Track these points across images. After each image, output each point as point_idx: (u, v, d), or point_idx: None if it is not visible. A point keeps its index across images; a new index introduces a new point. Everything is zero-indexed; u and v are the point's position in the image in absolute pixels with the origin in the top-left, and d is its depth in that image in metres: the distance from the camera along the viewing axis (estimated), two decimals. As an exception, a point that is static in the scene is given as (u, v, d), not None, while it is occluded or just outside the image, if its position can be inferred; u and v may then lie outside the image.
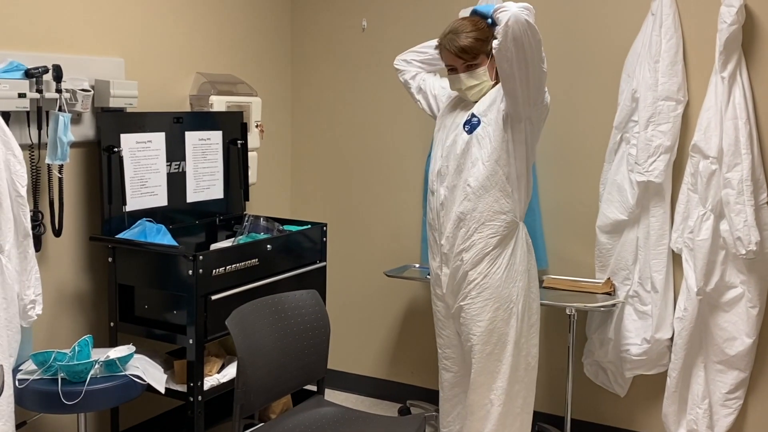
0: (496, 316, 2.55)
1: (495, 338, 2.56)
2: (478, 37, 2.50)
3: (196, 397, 2.57)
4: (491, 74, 2.55)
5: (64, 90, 2.53)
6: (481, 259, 2.55)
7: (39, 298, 2.35)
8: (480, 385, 2.60)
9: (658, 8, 2.92)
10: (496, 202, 2.53)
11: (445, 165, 2.60)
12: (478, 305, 2.56)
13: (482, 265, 2.55)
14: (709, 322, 2.95)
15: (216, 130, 3.13)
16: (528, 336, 2.64)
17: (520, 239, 2.60)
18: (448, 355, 2.77)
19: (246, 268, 2.72)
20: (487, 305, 2.55)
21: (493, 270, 2.55)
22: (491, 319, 2.55)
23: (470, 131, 2.54)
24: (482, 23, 2.53)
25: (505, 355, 2.57)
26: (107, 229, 2.70)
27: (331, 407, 2.51)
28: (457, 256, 2.58)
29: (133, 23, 2.92)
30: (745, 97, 2.81)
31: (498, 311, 2.55)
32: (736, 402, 2.95)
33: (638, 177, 2.95)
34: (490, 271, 2.55)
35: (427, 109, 2.85)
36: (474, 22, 2.54)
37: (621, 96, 3.04)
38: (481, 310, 2.56)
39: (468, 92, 2.57)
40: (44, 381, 2.29)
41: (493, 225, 2.54)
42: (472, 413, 2.63)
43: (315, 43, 3.81)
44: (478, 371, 2.58)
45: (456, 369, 2.76)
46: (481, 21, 2.54)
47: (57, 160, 2.50)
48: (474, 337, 2.57)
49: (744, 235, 2.77)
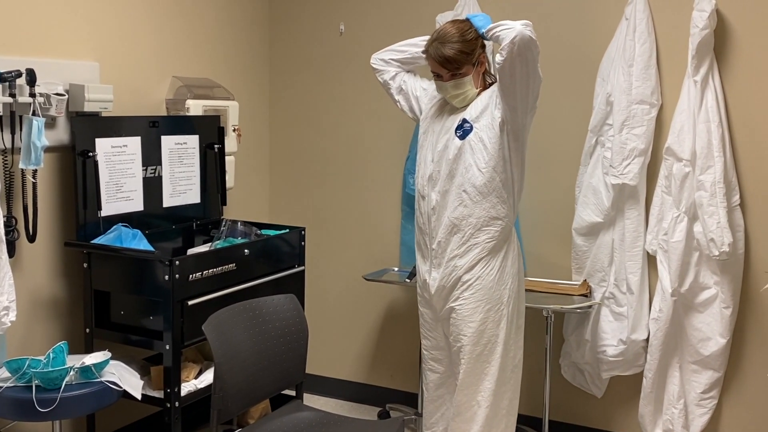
0: (487, 318, 2.56)
1: (485, 339, 2.57)
2: (463, 49, 2.48)
3: (173, 403, 2.55)
4: (476, 82, 2.56)
5: (38, 94, 2.50)
6: (476, 263, 2.56)
7: (13, 304, 2.33)
8: (468, 385, 2.60)
9: (631, 13, 2.96)
10: (493, 208, 2.53)
11: (436, 170, 2.60)
12: (470, 306, 2.57)
13: (476, 269, 2.56)
14: (683, 323, 2.99)
15: (192, 135, 3.12)
16: (516, 338, 2.65)
17: (513, 243, 2.63)
18: (435, 356, 2.76)
19: (223, 272, 2.71)
20: (479, 307, 2.56)
21: (486, 272, 2.56)
22: (482, 321, 2.56)
23: (462, 137, 2.53)
24: (470, 33, 2.51)
25: (494, 356, 2.58)
26: (82, 234, 2.68)
27: (310, 412, 2.50)
28: (450, 261, 2.58)
29: (108, 27, 2.90)
30: (717, 100, 2.85)
31: (489, 313, 2.56)
32: (711, 402, 2.99)
33: (613, 180, 2.98)
34: (483, 273, 2.56)
35: (408, 111, 2.83)
36: (462, 31, 2.51)
37: (596, 100, 3.07)
38: (473, 311, 2.56)
39: (453, 99, 2.58)
40: (18, 388, 2.26)
41: (490, 230, 2.55)
42: (459, 414, 2.63)
43: (293, 47, 3.81)
44: (467, 372, 2.59)
45: (442, 370, 2.76)
46: (470, 31, 2.51)
47: (31, 165, 2.47)
48: (464, 338, 2.57)
49: (717, 237, 2.80)
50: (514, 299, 2.61)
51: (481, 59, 2.54)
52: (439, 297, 2.64)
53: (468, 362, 2.58)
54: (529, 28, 2.35)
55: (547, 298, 3.05)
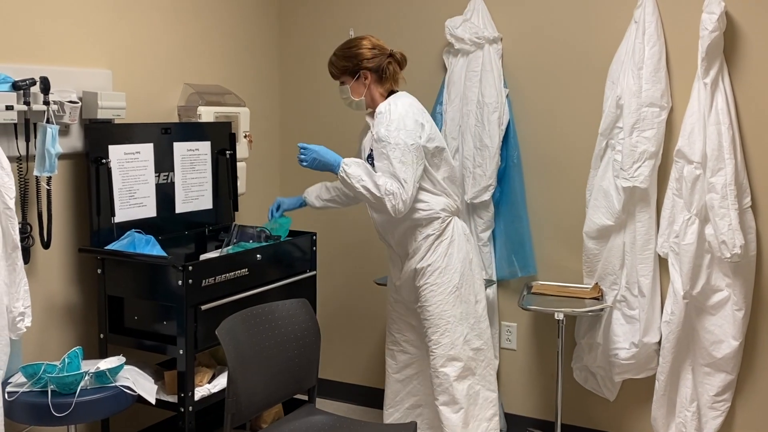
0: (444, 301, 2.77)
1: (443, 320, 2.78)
2: (336, 62, 2.81)
3: (186, 407, 2.56)
4: (356, 94, 2.80)
5: (52, 102, 2.53)
6: (426, 254, 2.78)
7: (28, 310, 2.35)
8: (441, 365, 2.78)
9: (640, 16, 2.96)
10: (422, 208, 2.75)
11: None
12: (429, 292, 2.78)
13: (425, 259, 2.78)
14: (696, 326, 2.98)
15: (204, 141, 3.14)
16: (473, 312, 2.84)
17: (456, 232, 2.82)
18: (408, 338, 3.01)
19: (236, 278, 2.72)
20: (435, 290, 2.77)
21: (434, 259, 2.77)
22: (441, 303, 2.77)
23: (372, 164, 2.73)
24: (355, 50, 2.77)
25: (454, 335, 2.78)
26: (96, 240, 2.70)
27: (323, 415, 2.51)
28: (409, 258, 2.83)
29: (120, 35, 2.93)
30: (727, 102, 2.85)
31: (443, 296, 2.77)
32: (724, 404, 2.98)
33: (624, 183, 2.98)
34: (432, 261, 2.77)
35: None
36: (349, 45, 2.80)
37: (606, 103, 3.07)
38: (433, 294, 2.78)
39: (344, 101, 2.87)
40: (34, 393, 2.28)
41: (430, 226, 2.77)
42: (439, 394, 2.80)
43: (303, 53, 3.83)
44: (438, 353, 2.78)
45: (413, 351, 3.00)
46: (356, 47, 2.78)
47: (45, 172, 2.50)
48: (429, 319, 2.79)
49: (729, 239, 2.80)
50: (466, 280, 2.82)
51: (363, 74, 2.77)
52: (408, 289, 2.89)
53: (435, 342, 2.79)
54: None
55: (558, 302, 3.05)
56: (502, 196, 3.32)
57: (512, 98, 3.30)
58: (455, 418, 2.77)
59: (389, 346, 3.06)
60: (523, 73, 3.30)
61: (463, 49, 3.29)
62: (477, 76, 3.25)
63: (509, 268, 3.33)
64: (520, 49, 3.30)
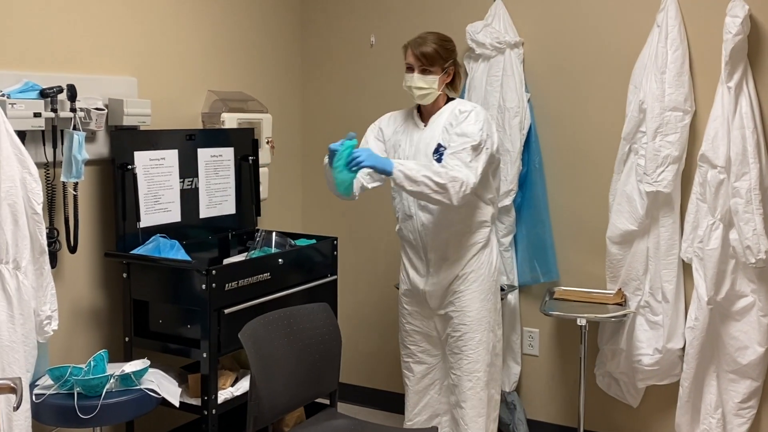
0: (482, 308, 2.77)
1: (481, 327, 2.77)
2: (439, 51, 2.70)
3: (210, 410, 2.59)
4: (440, 86, 2.72)
5: (79, 109, 2.57)
6: (469, 261, 2.76)
7: (55, 313, 2.38)
8: (474, 371, 2.76)
9: (663, 20, 2.95)
10: (475, 214, 2.74)
11: None
12: (468, 298, 2.76)
13: (470, 265, 2.76)
14: (720, 332, 2.95)
15: (228, 147, 3.17)
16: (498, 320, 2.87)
17: (495, 240, 2.86)
18: (424, 347, 2.93)
19: (258, 282, 2.74)
20: (474, 297, 2.76)
21: (478, 266, 2.76)
22: (479, 311, 2.76)
23: (440, 161, 2.67)
24: (450, 45, 2.76)
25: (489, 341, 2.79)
26: (122, 245, 2.74)
27: (345, 419, 2.52)
28: (450, 267, 2.77)
29: (145, 43, 2.97)
30: (751, 106, 2.83)
31: (482, 303, 2.77)
32: (750, 411, 2.94)
33: (647, 187, 2.96)
34: (476, 267, 2.76)
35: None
36: (443, 39, 2.76)
37: (629, 107, 3.05)
38: (471, 302, 2.76)
39: (416, 92, 2.72)
40: (60, 395, 2.32)
41: (479, 233, 2.76)
42: (467, 399, 2.77)
43: (324, 60, 3.85)
44: (472, 359, 2.76)
45: (430, 360, 2.93)
46: (450, 43, 2.77)
47: (72, 177, 2.54)
48: (464, 326, 2.76)
49: (753, 244, 2.77)
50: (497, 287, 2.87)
51: (449, 71, 2.74)
52: (436, 297, 2.82)
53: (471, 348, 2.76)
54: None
55: (581, 308, 3.03)
56: (523, 200, 3.32)
57: (534, 103, 3.30)
58: (481, 422, 2.78)
59: (404, 359, 2.98)
60: (545, 78, 3.30)
61: (484, 54, 3.29)
62: (498, 80, 3.25)
63: (531, 273, 3.32)
64: (541, 53, 3.30)
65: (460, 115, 2.70)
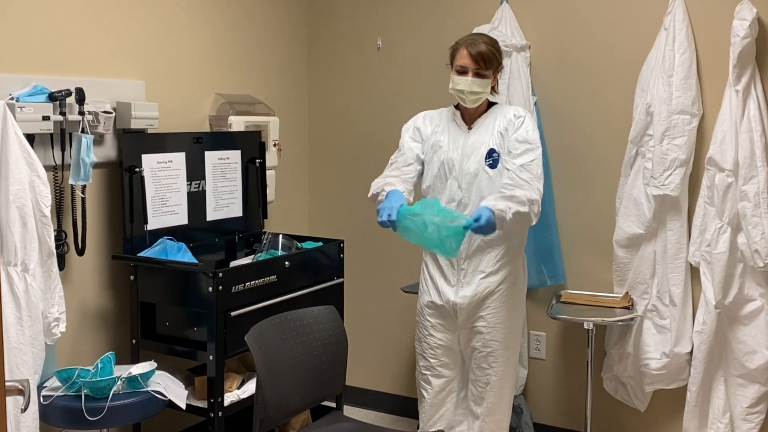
0: (512, 324, 2.74)
1: (512, 343, 2.76)
2: (495, 52, 2.65)
3: (216, 412, 2.59)
4: (490, 90, 2.68)
5: (87, 112, 2.59)
6: (507, 276, 2.70)
7: (63, 315, 2.40)
8: (501, 387, 2.74)
9: (670, 23, 2.94)
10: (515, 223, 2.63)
11: (466, 196, 2.66)
12: (501, 314, 2.70)
13: (506, 280, 2.70)
14: (728, 336, 2.94)
15: (235, 150, 3.18)
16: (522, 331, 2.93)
17: (523, 254, 2.81)
18: (444, 362, 2.81)
19: (264, 284, 2.75)
20: (507, 313, 2.71)
21: (511, 280, 2.71)
22: (510, 327, 2.73)
23: (493, 165, 2.62)
24: (500, 48, 2.70)
25: (516, 356, 2.82)
26: (129, 247, 2.75)
27: (351, 422, 2.52)
28: (485, 278, 2.68)
29: (153, 47, 2.98)
30: (760, 109, 2.82)
31: (512, 320, 2.74)
32: (758, 416, 2.93)
33: (654, 191, 2.95)
34: (509, 281, 2.70)
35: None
36: (491, 38, 2.71)
37: (636, 110, 3.05)
38: (504, 318, 2.71)
39: (468, 96, 2.63)
40: (68, 397, 2.33)
41: (513, 244, 2.70)
42: (491, 413, 2.76)
43: (331, 63, 3.86)
44: (500, 375, 2.73)
45: (449, 374, 2.82)
46: (497, 43, 2.70)
47: (80, 180, 2.56)
48: (496, 342, 2.71)
49: (761, 248, 2.76)
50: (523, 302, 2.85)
51: (497, 75, 2.70)
52: (466, 310, 2.71)
53: (502, 365, 2.74)
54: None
55: (588, 311, 3.02)
56: (530, 204, 3.31)
57: (540, 106, 3.29)
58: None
59: (422, 371, 2.85)
60: (552, 81, 3.30)
61: (491, 57, 3.29)
62: (505, 84, 3.24)
63: (538, 276, 3.31)
64: (548, 56, 3.30)
65: (516, 120, 2.64)
